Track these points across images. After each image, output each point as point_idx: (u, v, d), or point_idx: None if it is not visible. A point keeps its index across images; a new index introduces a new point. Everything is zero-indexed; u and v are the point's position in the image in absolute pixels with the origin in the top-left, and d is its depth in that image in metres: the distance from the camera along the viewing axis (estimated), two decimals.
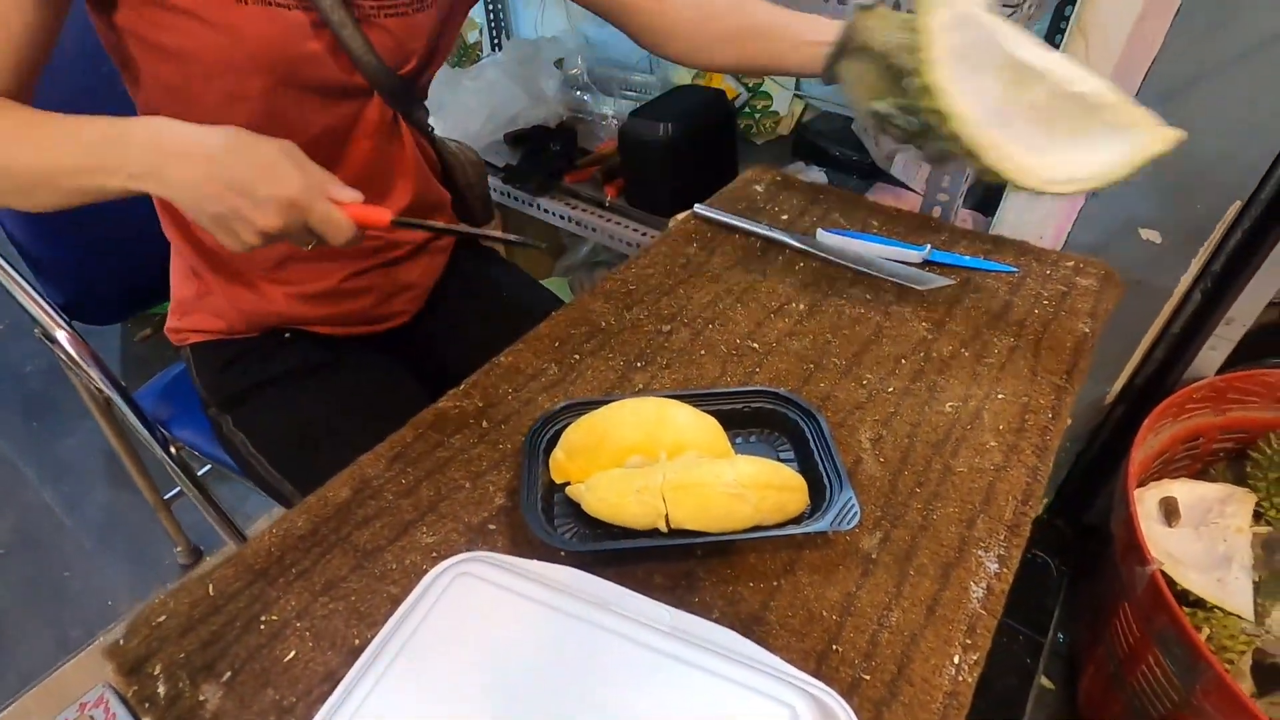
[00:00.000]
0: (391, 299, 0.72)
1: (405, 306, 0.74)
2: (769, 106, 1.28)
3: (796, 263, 0.71)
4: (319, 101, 0.59)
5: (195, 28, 0.51)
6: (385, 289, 0.71)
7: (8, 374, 1.56)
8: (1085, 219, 0.90)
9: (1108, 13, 0.75)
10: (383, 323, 0.73)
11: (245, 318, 0.67)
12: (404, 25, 0.60)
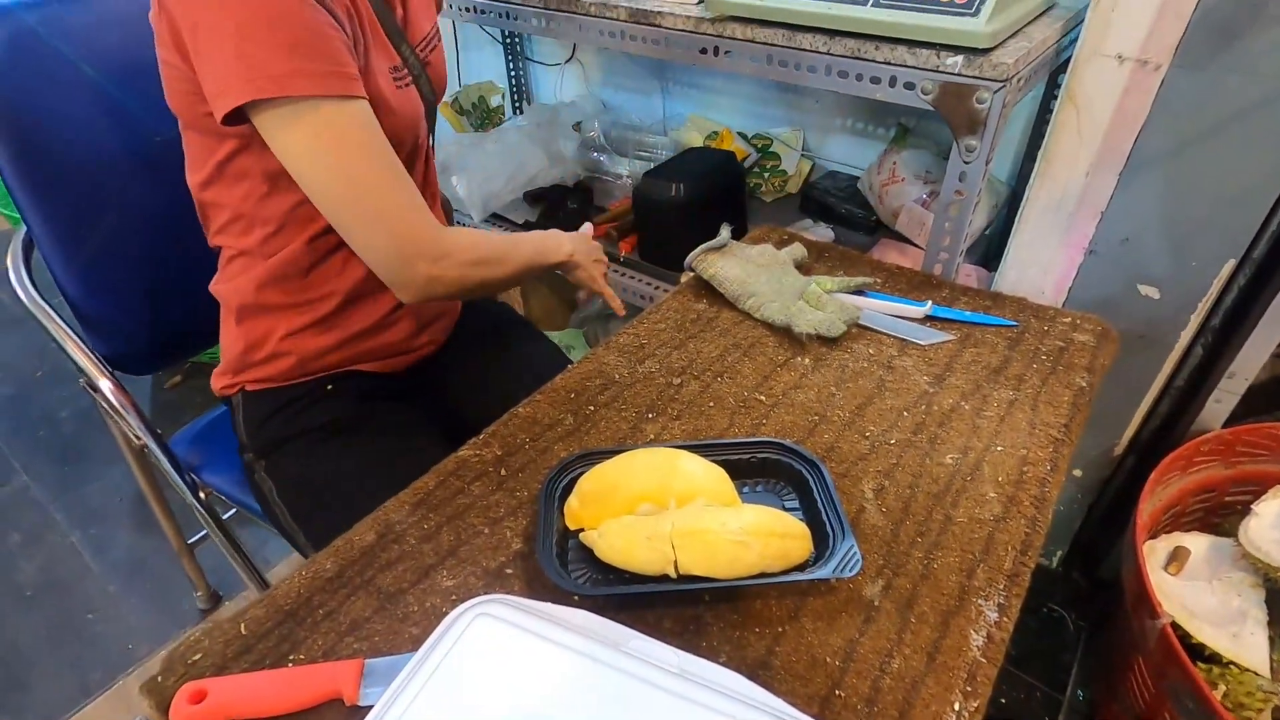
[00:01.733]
0: (422, 330, 0.79)
1: (433, 337, 0.81)
2: (777, 166, 1.34)
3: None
4: (412, 150, 0.72)
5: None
6: (418, 320, 0.78)
7: (44, 419, 1.62)
8: (1085, 276, 0.93)
9: (1093, 85, 0.80)
10: (413, 353, 0.79)
11: (301, 364, 0.73)
12: (438, 55, 0.73)
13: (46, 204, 0.76)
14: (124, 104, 0.81)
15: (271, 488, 0.71)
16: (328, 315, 0.71)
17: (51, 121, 0.77)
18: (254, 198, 0.65)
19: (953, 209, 0.81)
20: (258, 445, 0.73)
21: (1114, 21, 0.77)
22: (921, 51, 0.74)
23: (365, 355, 0.76)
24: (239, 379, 0.74)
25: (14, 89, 0.74)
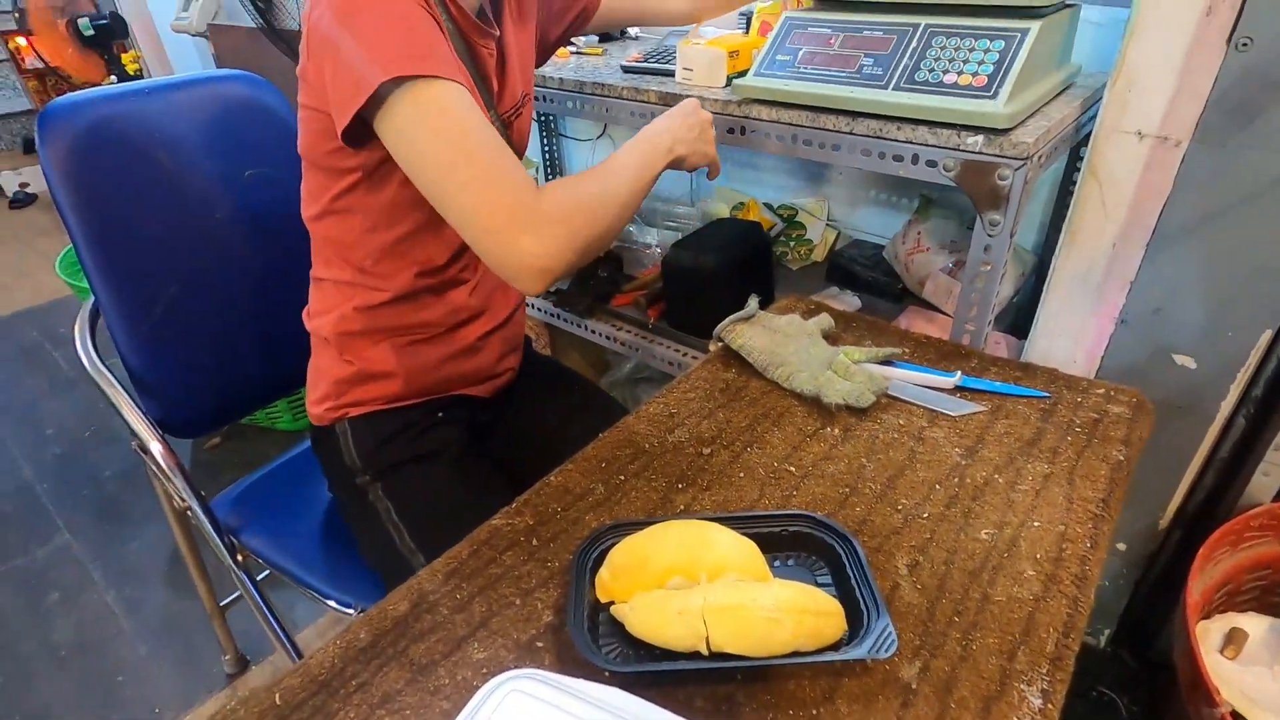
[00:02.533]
0: (504, 357, 0.86)
1: (511, 364, 0.88)
2: (803, 235, 1.37)
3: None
4: None
5: None
6: (500, 346, 0.84)
7: (88, 478, 1.67)
8: (1117, 345, 0.92)
9: (1115, 161, 0.81)
10: (500, 378, 0.86)
11: (407, 384, 0.77)
12: (523, 120, 0.80)
13: (114, 277, 0.82)
14: (189, 184, 0.87)
15: (389, 508, 0.74)
16: (431, 338, 0.77)
17: (123, 201, 0.83)
18: (360, 230, 0.71)
19: (979, 280, 0.82)
20: (375, 468, 0.76)
21: (1131, 100, 0.79)
22: (942, 131, 0.76)
23: (463, 378, 0.81)
24: (342, 403, 0.78)
25: (92, 171, 0.80)
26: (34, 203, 3.50)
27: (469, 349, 0.81)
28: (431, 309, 0.77)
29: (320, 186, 0.70)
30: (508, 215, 0.59)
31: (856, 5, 0.85)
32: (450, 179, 0.59)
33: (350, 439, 0.78)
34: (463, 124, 0.59)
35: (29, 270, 2.76)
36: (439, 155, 0.59)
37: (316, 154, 0.68)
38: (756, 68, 0.89)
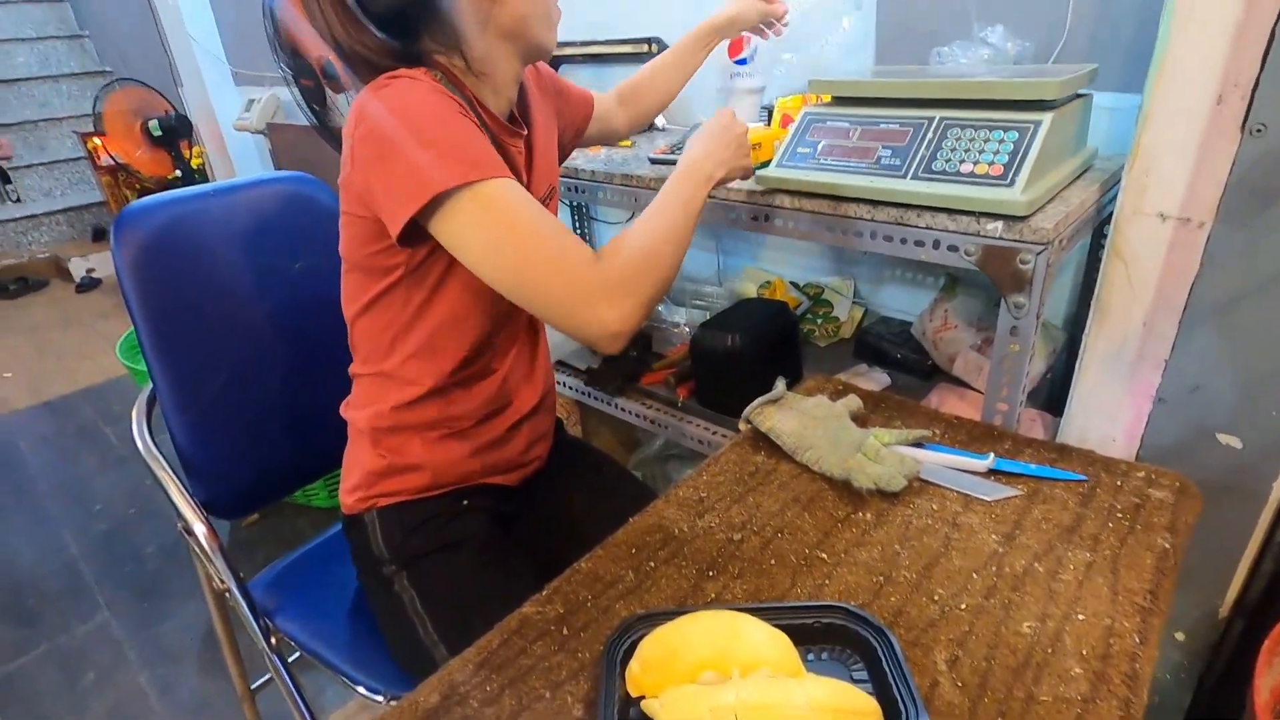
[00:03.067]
0: (532, 446, 0.87)
1: (539, 453, 0.89)
2: (830, 313, 1.39)
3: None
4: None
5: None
6: (528, 435, 0.86)
7: (130, 555, 1.70)
8: (1157, 424, 0.90)
9: (1139, 241, 0.82)
10: (527, 467, 0.87)
11: (436, 477, 0.79)
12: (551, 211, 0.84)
13: (171, 363, 0.87)
14: (244, 276, 0.93)
15: (413, 598, 0.75)
16: (461, 431, 0.79)
17: (184, 293, 0.88)
18: (395, 328, 0.74)
19: (1007, 362, 0.82)
20: (400, 558, 0.77)
21: (1150, 184, 0.80)
22: (962, 217, 0.79)
23: (491, 468, 0.83)
24: (372, 493, 0.79)
25: (159, 268, 0.86)
26: (98, 287, 3.72)
27: (497, 441, 0.82)
28: (461, 403, 0.78)
29: (359, 286, 0.74)
30: (583, 294, 0.63)
31: (872, 101, 0.89)
32: (521, 270, 0.63)
33: (378, 528, 0.79)
34: (522, 216, 0.62)
35: (90, 352, 2.91)
36: (505, 249, 0.62)
37: (357, 256, 0.72)
38: (779, 159, 0.93)
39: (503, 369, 0.81)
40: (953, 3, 1.09)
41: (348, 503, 0.81)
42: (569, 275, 0.62)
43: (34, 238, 4.04)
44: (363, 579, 0.81)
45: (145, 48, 3.58)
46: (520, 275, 0.63)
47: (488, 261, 0.63)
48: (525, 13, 0.70)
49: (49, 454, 2.19)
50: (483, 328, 0.76)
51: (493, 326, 0.76)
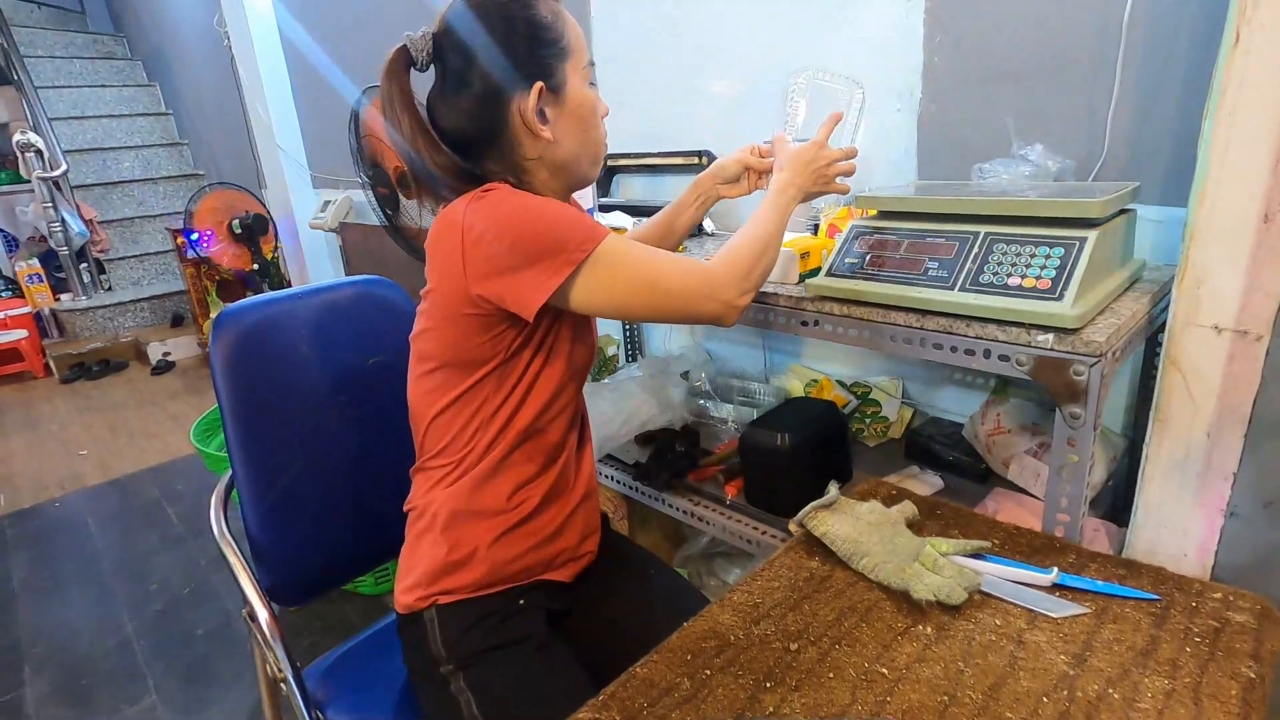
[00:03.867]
0: (586, 538, 0.89)
1: (591, 546, 0.91)
2: (878, 412, 1.39)
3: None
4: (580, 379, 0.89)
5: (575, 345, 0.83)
6: (582, 527, 0.88)
7: (181, 636, 1.73)
8: (1231, 540, 0.87)
9: (1196, 353, 0.82)
10: (580, 560, 0.89)
11: (492, 571, 0.81)
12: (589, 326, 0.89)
13: (252, 452, 0.92)
14: (322, 371, 1.00)
15: (470, 700, 0.74)
16: (523, 521, 0.82)
17: (270, 388, 0.95)
18: (483, 415, 0.79)
19: (1065, 472, 0.81)
20: (458, 657, 0.77)
21: (1202, 297, 0.81)
22: (1012, 329, 0.80)
23: (548, 562, 0.85)
24: (432, 591, 0.80)
25: (248, 365, 0.94)
26: (172, 369, 3.95)
27: (555, 533, 0.85)
28: (525, 476, 0.82)
29: (446, 384, 0.79)
30: (708, 291, 0.76)
31: (918, 215, 0.93)
32: (657, 298, 0.75)
33: (437, 627, 0.79)
34: (638, 256, 0.75)
35: (159, 432, 3.05)
36: (639, 286, 0.74)
37: (452, 354, 0.77)
38: (827, 268, 0.97)
39: (562, 448, 0.85)
40: (992, 121, 1.15)
41: (406, 601, 0.81)
42: (699, 275, 0.76)
43: (120, 323, 4.35)
44: (416, 679, 0.81)
45: (236, 154, 3.95)
46: (658, 295, 0.75)
47: (627, 304, 0.75)
48: (578, 153, 0.80)
49: (114, 531, 2.28)
50: (556, 401, 0.82)
51: (562, 401, 0.83)
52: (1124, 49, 1.01)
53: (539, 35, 0.74)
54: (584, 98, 0.78)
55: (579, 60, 0.77)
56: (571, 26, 0.77)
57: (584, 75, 0.78)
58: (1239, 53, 0.73)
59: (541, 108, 0.75)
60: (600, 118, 0.82)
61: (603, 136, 0.83)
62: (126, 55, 5.44)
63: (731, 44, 1.50)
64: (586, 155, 0.81)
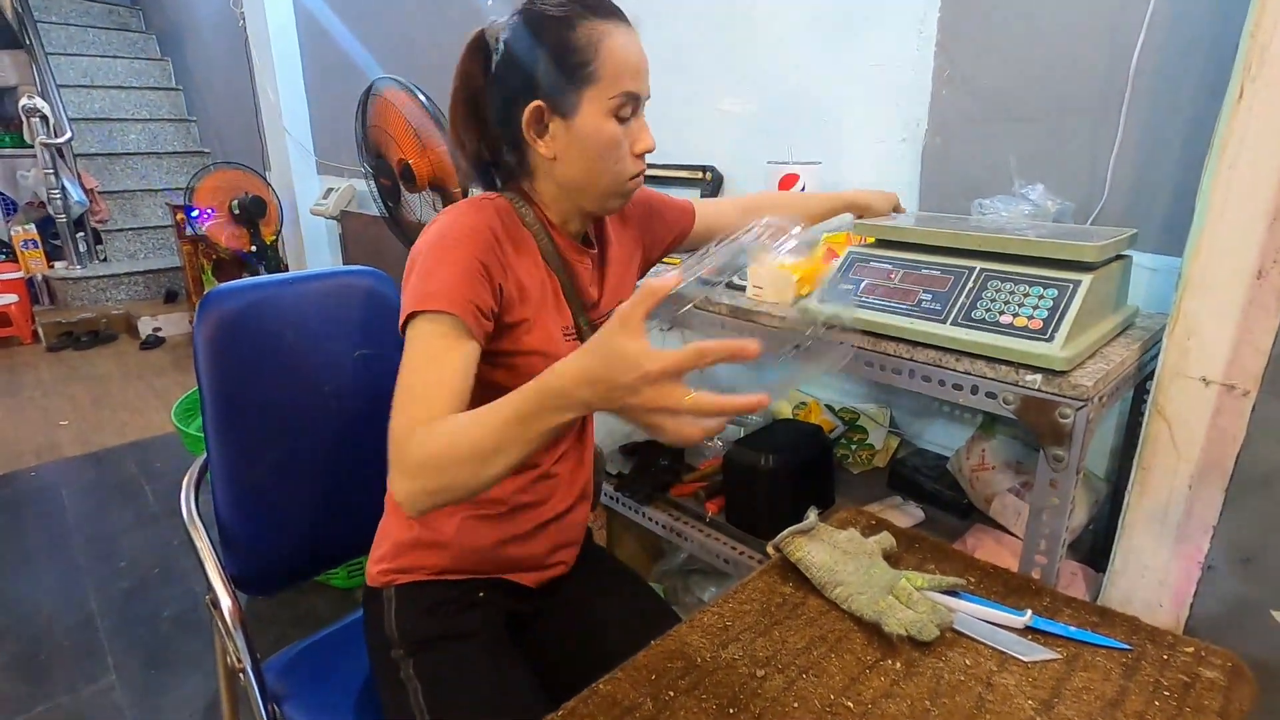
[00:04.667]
0: (557, 550, 0.89)
1: (563, 558, 0.90)
2: (864, 440, 1.38)
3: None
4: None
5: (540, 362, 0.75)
6: (554, 538, 0.88)
7: (147, 619, 1.70)
8: (1207, 593, 0.86)
9: (1181, 404, 0.82)
10: (547, 570, 0.88)
11: (459, 558, 0.81)
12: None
13: (231, 437, 0.91)
14: (306, 360, 0.99)
15: (418, 689, 0.75)
16: (493, 517, 0.82)
17: (250, 371, 0.94)
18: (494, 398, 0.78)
19: (1046, 514, 0.81)
20: (410, 641, 0.78)
21: (1192, 349, 0.81)
22: (1001, 366, 0.80)
23: (512, 563, 0.84)
24: (395, 566, 0.81)
25: (231, 348, 0.92)
26: (161, 345, 3.92)
27: (523, 536, 0.84)
28: (502, 488, 0.81)
29: None
30: (393, 451, 0.62)
31: (915, 246, 0.93)
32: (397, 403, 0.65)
33: (394, 605, 0.81)
34: (417, 353, 0.67)
35: (143, 407, 3.02)
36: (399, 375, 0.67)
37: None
38: (821, 293, 0.97)
39: (545, 464, 0.84)
40: (995, 159, 1.15)
41: (372, 573, 0.84)
42: (399, 422, 0.63)
43: (112, 295, 4.32)
44: (372, 658, 0.82)
45: (243, 135, 3.94)
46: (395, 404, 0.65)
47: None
48: (583, 181, 0.78)
49: (88, 505, 2.25)
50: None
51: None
52: (1129, 97, 1.02)
53: (562, 56, 0.73)
54: (597, 129, 0.74)
55: (605, 90, 0.73)
56: (611, 58, 0.73)
57: (607, 106, 0.74)
58: (1242, 108, 0.74)
59: (547, 123, 0.75)
60: (625, 153, 0.77)
61: (625, 171, 0.78)
62: (141, 28, 5.44)
63: (743, 64, 1.51)
64: (596, 186, 0.78)
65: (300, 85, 3.36)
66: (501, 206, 0.78)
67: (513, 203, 0.79)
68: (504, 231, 0.76)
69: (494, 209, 0.77)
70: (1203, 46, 0.95)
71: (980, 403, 0.82)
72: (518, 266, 0.77)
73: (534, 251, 0.80)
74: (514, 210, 0.79)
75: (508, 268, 0.75)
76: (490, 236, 0.74)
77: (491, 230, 0.74)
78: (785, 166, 1.24)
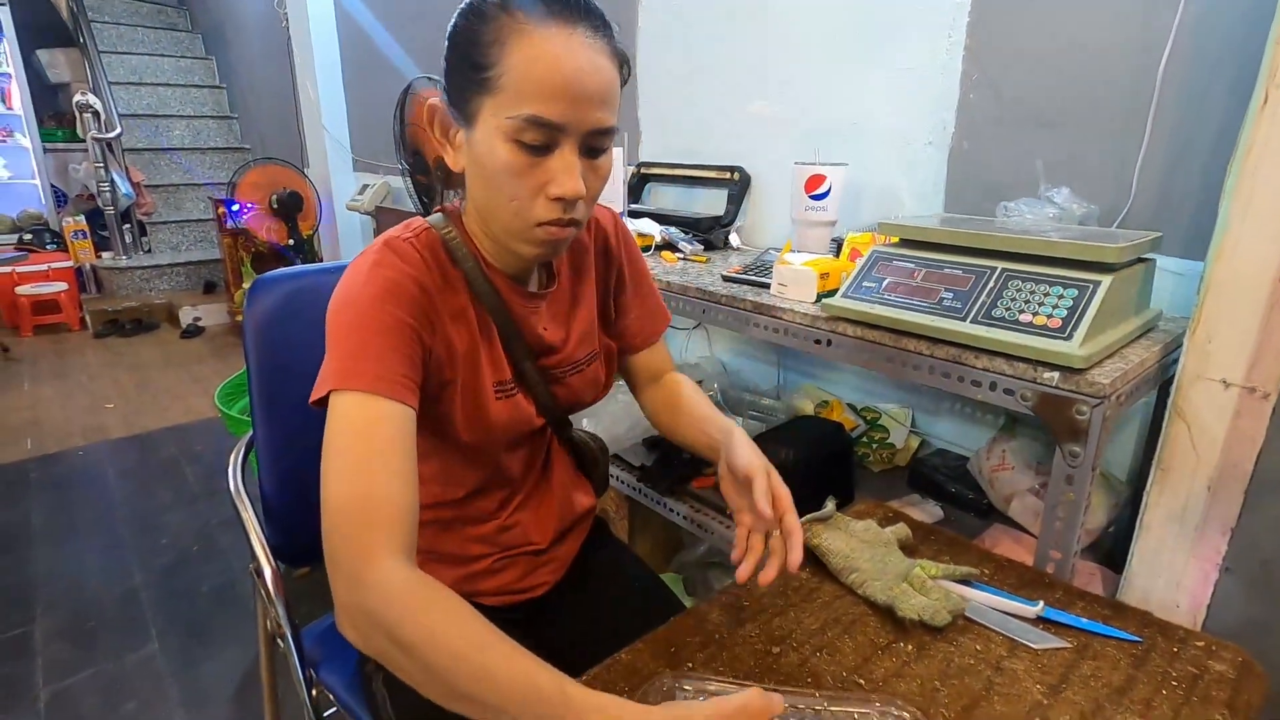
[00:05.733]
0: (530, 574, 0.83)
1: (545, 579, 0.85)
2: (885, 439, 1.40)
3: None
4: (519, 443, 0.78)
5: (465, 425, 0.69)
6: (530, 566, 0.83)
7: (186, 592, 1.78)
8: (1224, 595, 0.87)
9: (1202, 405, 0.83)
10: (526, 594, 0.83)
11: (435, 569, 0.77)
12: (582, 379, 0.80)
13: (275, 415, 0.96)
14: None
15: (386, 698, 0.74)
16: (455, 557, 0.79)
17: (294, 355, 0.99)
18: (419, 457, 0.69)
19: (1061, 509, 0.82)
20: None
21: (1213, 352, 0.82)
22: (1019, 364, 0.82)
23: (481, 592, 0.80)
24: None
25: (278, 329, 0.97)
26: (201, 334, 4.04)
27: (485, 571, 0.80)
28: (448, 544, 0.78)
29: None
30: (340, 570, 0.53)
31: (937, 246, 0.95)
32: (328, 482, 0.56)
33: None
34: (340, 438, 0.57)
35: (183, 393, 3.13)
36: (330, 459, 0.57)
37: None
38: (844, 289, 0.99)
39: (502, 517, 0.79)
40: (1021, 162, 1.16)
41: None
42: (337, 535, 0.54)
43: (155, 285, 4.47)
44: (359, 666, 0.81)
45: (282, 131, 4.05)
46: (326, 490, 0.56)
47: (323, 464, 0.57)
48: (485, 207, 0.64)
49: (131, 484, 2.34)
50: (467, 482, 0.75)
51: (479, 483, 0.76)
52: (1156, 102, 1.02)
53: (466, 52, 0.59)
54: (490, 150, 0.59)
55: (504, 107, 0.57)
56: (518, 69, 0.56)
57: (504, 127, 0.58)
58: (1266, 113, 0.75)
59: (449, 125, 0.64)
60: (531, 192, 0.60)
61: (531, 215, 0.61)
62: (188, 28, 5.61)
63: (773, 67, 1.53)
64: (499, 220, 0.63)
65: (339, 84, 3.45)
66: (429, 241, 0.66)
67: (442, 234, 0.67)
68: (431, 277, 0.64)
69: (419, 247, 0.64)
70: (1230, 54, 0.96)
71: (999, 399, 0.84)
72: (446, 318, 0.66)
73: (464, 293, 0.68)
74: (442, 244, 0.67)
75: (436, 325, 0.65)
76: (415, 290, 0.62)
77: (416, 282, 0.62)
78: (812, 167, 1.26)
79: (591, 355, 0.80)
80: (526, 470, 0.81)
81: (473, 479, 0.76)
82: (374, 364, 0.59)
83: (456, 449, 0.73)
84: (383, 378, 0.58)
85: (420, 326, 0.62)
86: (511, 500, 0.80)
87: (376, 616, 0.51)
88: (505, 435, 0.73)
